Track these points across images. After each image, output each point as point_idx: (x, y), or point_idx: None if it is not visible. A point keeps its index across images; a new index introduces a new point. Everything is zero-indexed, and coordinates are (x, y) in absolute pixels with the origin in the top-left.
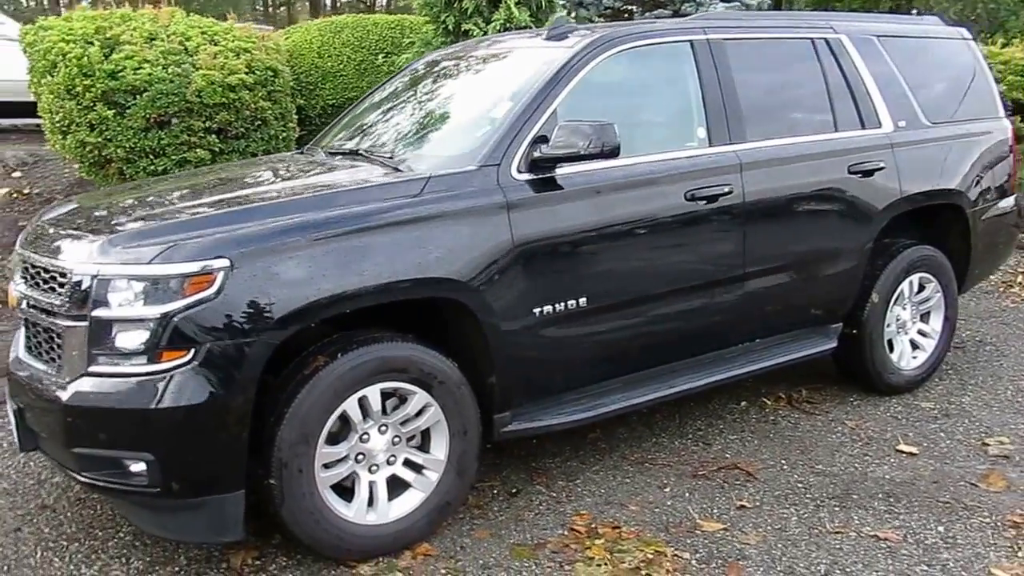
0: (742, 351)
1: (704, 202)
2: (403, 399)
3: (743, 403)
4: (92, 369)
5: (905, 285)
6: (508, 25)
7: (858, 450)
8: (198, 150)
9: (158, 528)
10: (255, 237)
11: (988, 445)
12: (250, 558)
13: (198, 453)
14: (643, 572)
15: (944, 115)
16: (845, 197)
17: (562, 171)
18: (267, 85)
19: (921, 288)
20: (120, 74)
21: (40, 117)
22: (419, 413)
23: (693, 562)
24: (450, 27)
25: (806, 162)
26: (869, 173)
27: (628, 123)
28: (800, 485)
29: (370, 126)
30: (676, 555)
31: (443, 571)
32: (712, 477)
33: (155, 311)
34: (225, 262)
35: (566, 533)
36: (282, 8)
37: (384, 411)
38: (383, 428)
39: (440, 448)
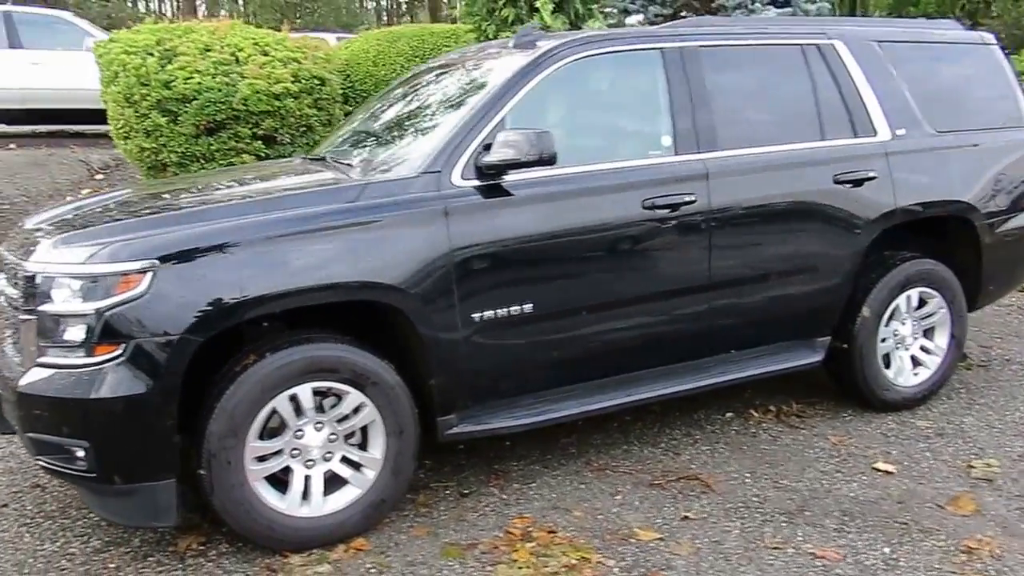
0: (718, 362)
1: (664, 211)
2: (340, 398)
3: (728, 414)
4: (41, 360)
5: (902, 299)
6: None
7: (832, 466)
8: (245, 156)
9: (103, 511)
10: (184, 240)
11: (973, 467)
12: (196, 543)
13: (128, 442)
14: None
15: (955, 123)
16: (829, 207)
17: (513, 178)
18: (313, 93)
19: (923, 303)
20: (173, 83)
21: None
22: (354, 412)
23: (616, 570)
24: (491, 36)
25: (784, 171)
26: (858, 183)
27: (587, 130)
28: (756, 499)
29: (351, 134)
30: (600, 562)
31: (369, 565)
32: (668, 487)
33: (90, 307)
34: (153, 263)
35: (501, 535)
36: (405, 18)
37: (322, 409)
38: (318, 425)
39: (377, 447)
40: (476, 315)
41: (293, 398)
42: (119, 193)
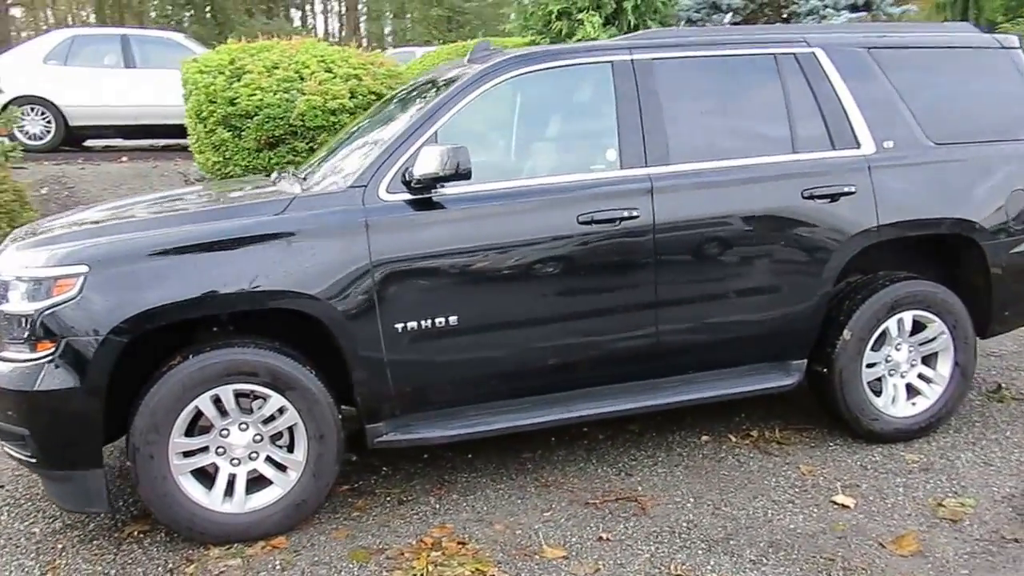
0: (679, 382)
1: (603, 226)
2: (264, 400)
3: (704, 437)
4: (1, 355)
5: (892, 323)
6: None
7: (787, 496)
8: None
9: (50, 495)
10: (113, 249)
11: (943, 506)
12: (139, 530)
13: (60, 433)
14: None
15: (959, 134)
16: (796, 224)
17: (450, 192)
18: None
19: (919, 328)
20: (237, 100)
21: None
22: (278, 415)
23: None
24: None
25: (743, 186)
26: (833, 198)
27: (528, 145)
28: (685, 525)
29: (328, 150)
30: (493, 575)
31: (278, 562)
32: (602, 507)
33: (32, 307)
34: (84, 268)
35: (413, 543)
36: None
37: (249, 411)
38: (243, 426)
39: (300, 450)
40: (399, 326)
41: (216, 399)
42: (96, 208)
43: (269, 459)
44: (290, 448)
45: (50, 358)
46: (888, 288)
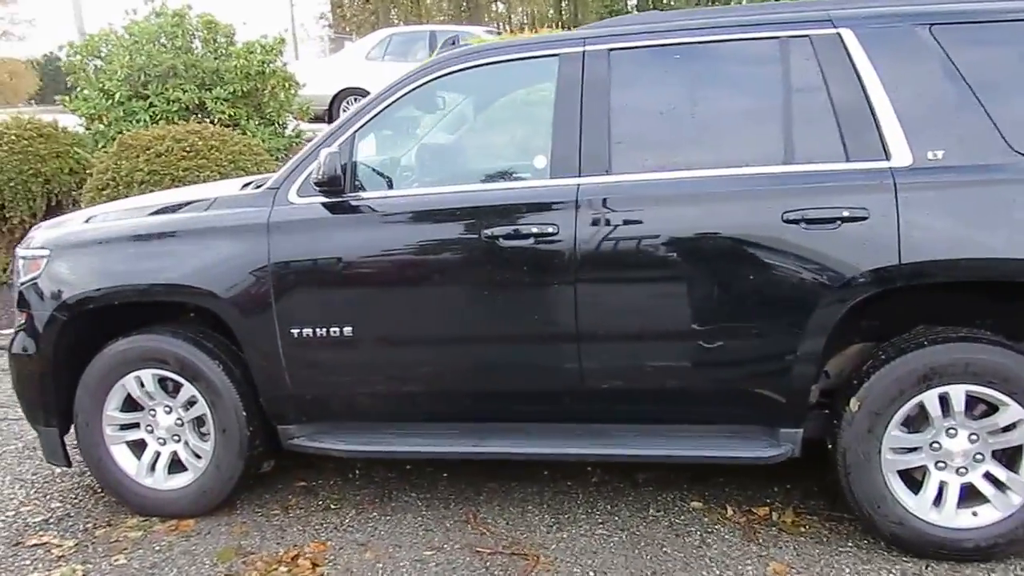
0: (632, 432)
1: (511, 242)
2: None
3: (696, 503)
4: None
5: (930, 398)
6: None
7: None
8: None
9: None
10: (67, 236)
11: None
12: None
13: (25, 393)
14: None
15: None
16: (769, 254)
17: (366, 197)
18: None
19: (992, 409)
20: None
21: None
22: (192, 403)
23: None
24: None
25: (696, 204)
26: (828, 222)
27: (450, 150)
28: None
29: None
30: None
31: (165, 542)
32: (489, 558)
33: (19, 282)
34: (47, 252)
35: (280, 554)
36: None
37: (175, 396)
38: (167, 409)
39: (210, 440)
40: (295, 331)
41: (139, 380)
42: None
43: (187, 444)
44: (205, 437)
45: (23, 327)
46: (920, 351)
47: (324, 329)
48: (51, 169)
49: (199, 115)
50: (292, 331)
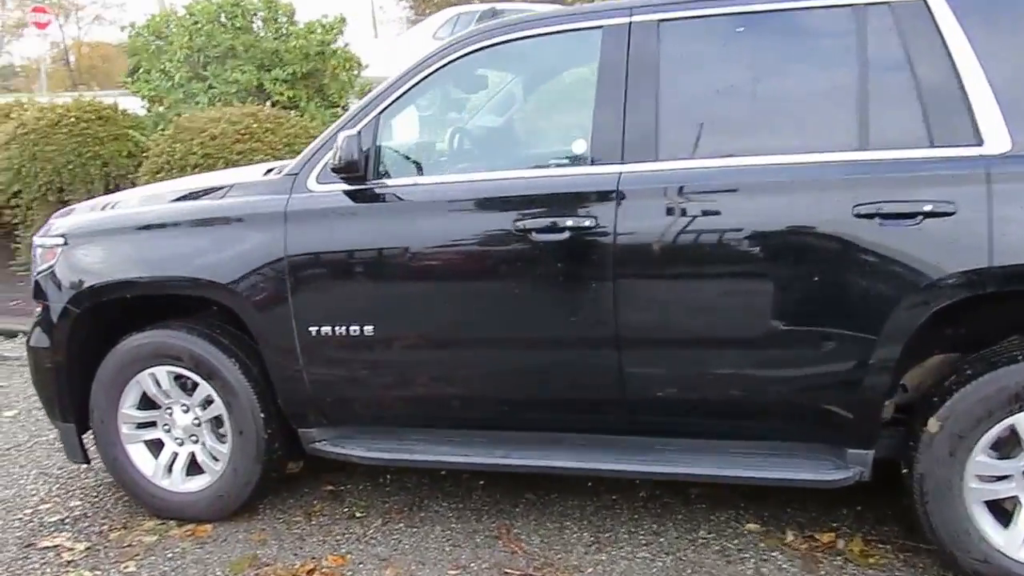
0: (678, 447)
1: (545, 235)
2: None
3: (751, 525)
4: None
5: (1021, 420)
6: None
7: None
8: None
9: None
10: (80, 225)
11: None
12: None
13: (43, 387)
14: None
15: None
16: (837, 254)
17: (391, 184)
18: None
19: None
20: None
21: None
22: (209, 402)
23: None
24: None
25: (753, 197)
26: (907, 217)
27: (487, 135)
28: None
29: None
30: None
31: (179, 548)
32: None
33: (37, 271)
34: (61, 240)
35: (296, 566)
36: None
37: (192, 394)
38: (184, 408)
39: (228, 442)
40: (313, 329)
41: (155, 377)
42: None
43: (205, 446)
44: (223, 439)
45: (40, 318)
46: (1013, 367)
47: (344, 327)
48: (109, 152)
49: (258, 97)
50: (310, 329)
